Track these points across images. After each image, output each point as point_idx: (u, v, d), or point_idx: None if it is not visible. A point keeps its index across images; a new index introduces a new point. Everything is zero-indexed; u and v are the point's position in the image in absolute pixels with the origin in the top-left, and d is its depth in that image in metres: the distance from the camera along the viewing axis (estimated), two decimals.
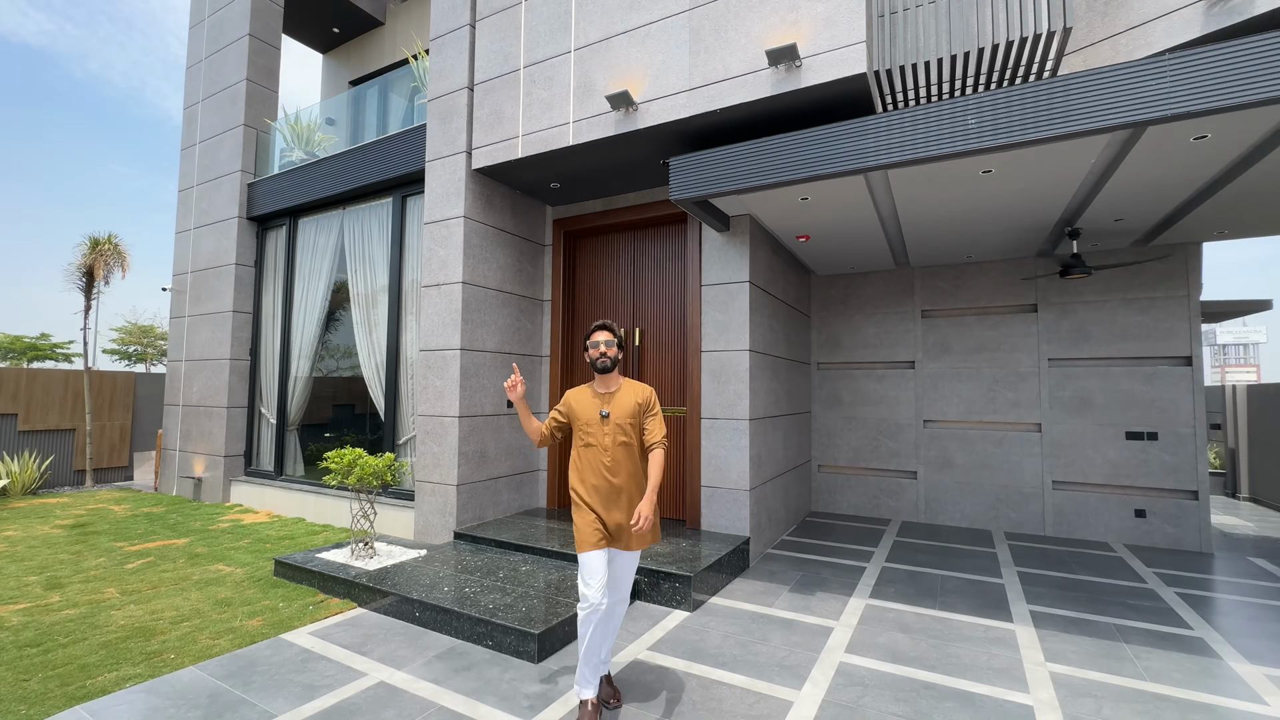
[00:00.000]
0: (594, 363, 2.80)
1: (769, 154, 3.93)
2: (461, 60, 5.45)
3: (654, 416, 2.80)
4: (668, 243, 5.80)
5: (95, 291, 8.27)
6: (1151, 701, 2.84)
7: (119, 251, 8.20)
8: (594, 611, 2.57)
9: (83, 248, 8.11)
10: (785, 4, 3.91)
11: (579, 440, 2.79)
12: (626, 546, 2.69)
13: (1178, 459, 5.67)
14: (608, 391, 2.82)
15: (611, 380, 2.85)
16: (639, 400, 2.80)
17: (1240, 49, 2.79)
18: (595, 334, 2.84)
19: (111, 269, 8.09)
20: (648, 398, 2.83)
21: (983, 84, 3.86)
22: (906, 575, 4.75)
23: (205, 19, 8.31)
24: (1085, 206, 4.60)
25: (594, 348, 2.81)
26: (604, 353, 2.79)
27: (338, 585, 4.17)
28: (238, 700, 2.80)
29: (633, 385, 2.88)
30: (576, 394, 2.89)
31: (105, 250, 8.07)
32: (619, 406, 2.77)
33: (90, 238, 8.13)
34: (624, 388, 2.85)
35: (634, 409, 2.77)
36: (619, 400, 2.78)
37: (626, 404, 2.78)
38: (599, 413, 2.76)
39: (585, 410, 2.79)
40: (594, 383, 2.88)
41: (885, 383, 7.01)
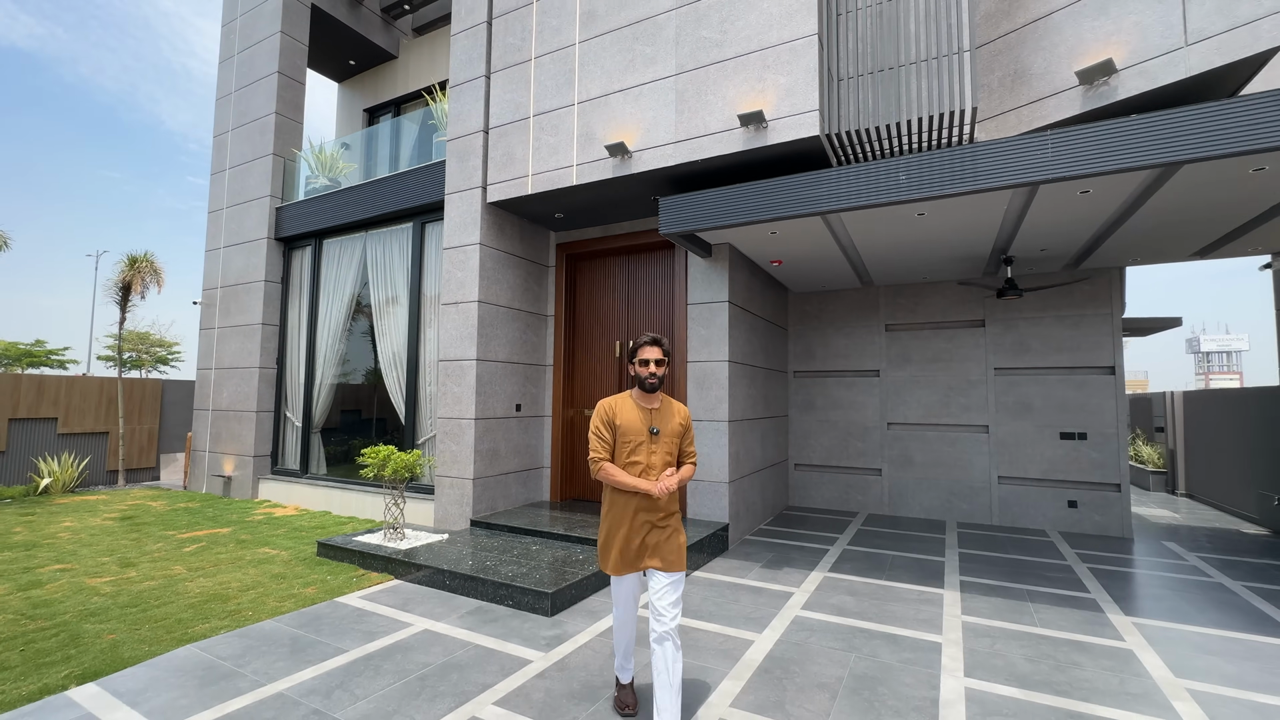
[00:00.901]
0: (642, 383, 2.66)
1: (742, 198, 4.72)
2: (478, 107, 6.23)
3: (691, 438, 2.77)
4: (658, 266, 6.58)
5: (130, 305, 8.95)
6: (1035, 640, 3.61)
7: (154, 269, 8.88)
8: (625, 625, 2.71)
9: (121, 265, 8.80)
10: (754, 75, 4.72)
11: (623, 458, 2.63)
12: (665, 566, 2.57)
13: (1103, 456, 6.48)
14: (652, 407, 2.69)
15: (655, 395, 2.71)
16: (682, 421, 2.73)
17: (1101, 129, 3.60)
18: (644, 350, 2.68)
19: (148, 285, 8.77)
20: (687, 418, 2.77)
21: (916, 145, 4.67)
22: (863, 555, 5.51)
23: (235, 55, 9.06)
24: (1012, 239, 5.43)
25: (642, 366, 2.66)
26: (653, 372, 2.65)
27: (375, 561, 4.89)
28: (313, 641, 3.52)
29: (672, 403, 2.77)
30: (619, 405, 2.70)
31: (143, 267, 8.75)
32: (667, 424, 2.67)
33: (129, 256, 8.82)
34: (665, 405, 2.73)
35: (678, 430, 2.70)
36: (665, 418, 2.68)
37: (673, 422, 2.69)
38: (649, 429, 2.64)
39: (634, 425, 2.64)
40: (633, 394, 2.74)
41: (854, 389, 7.81)
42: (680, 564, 2.59)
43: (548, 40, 5.83)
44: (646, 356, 2.65)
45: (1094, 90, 4.00)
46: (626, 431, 2.63)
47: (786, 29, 4.60)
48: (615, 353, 6.72)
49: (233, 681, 3.02)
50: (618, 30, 5.41)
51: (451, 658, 3.32)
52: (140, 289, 8.70)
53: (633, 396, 2.73)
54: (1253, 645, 3.55)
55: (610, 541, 2.65)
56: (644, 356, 2.65)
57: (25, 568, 4.92)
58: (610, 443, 2.65)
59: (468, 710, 2.77)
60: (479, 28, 6.31)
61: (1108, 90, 3.96)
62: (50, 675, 3.08)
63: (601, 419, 2.66)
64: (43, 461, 8.45)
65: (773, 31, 4.65)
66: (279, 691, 2.93)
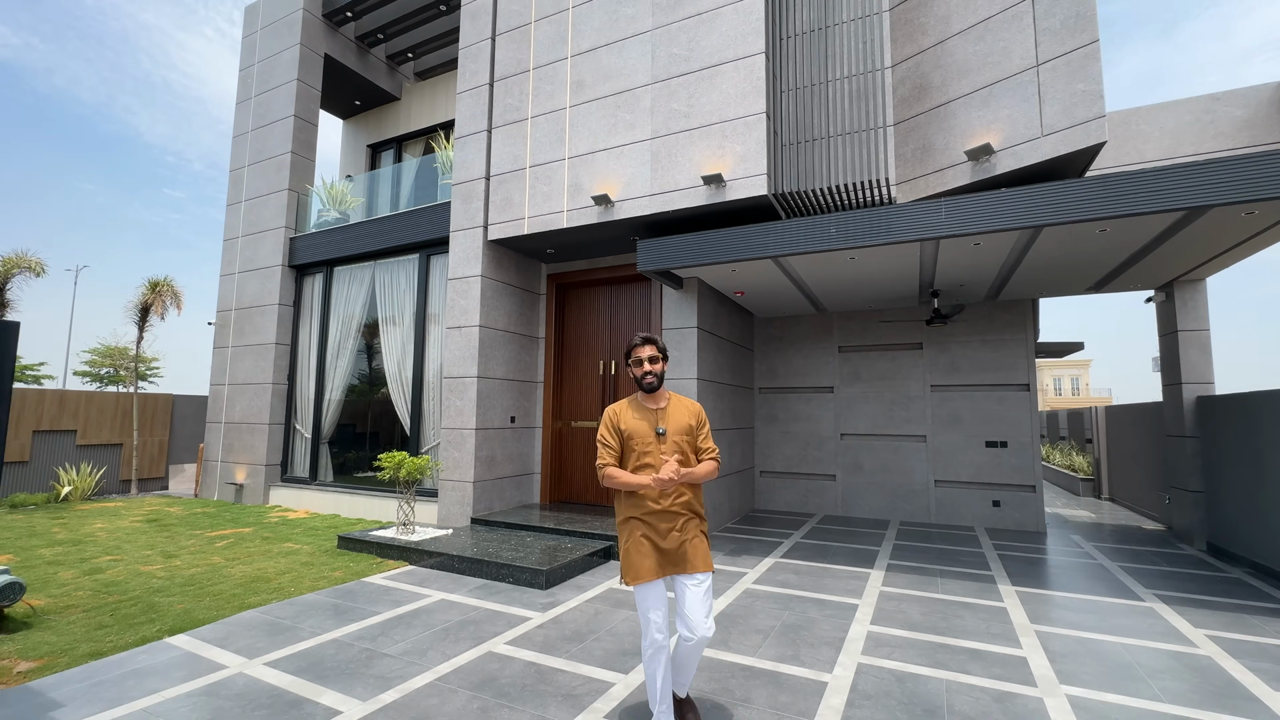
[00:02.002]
0: (639, 381, 2.60)
1: (706, 243, 5.69)
2: (480, 157, 7.16)
3: (707, 433, 2.66)
4: (636, 295, 7.52)
5: (148, 325, 9.63)
6: (933, 601, 4.52)
7: (174, 292, 9.58)
8: (659, 650, 2.46)
9: (143, 289, 9.48)
10: (715, 142, 5.71)
11: (634, 462, 2.55)
12: (690, 569, 2.49)
13: (1021, 462, 7.50)
14: (657, 407, 2.62)
15: (659, 395, 2.64)
16: (692, 420, 2.63)
17: (981, 199, 4.63)
18: (637, 349, 2.61)
19: (168, 307, 9.46)
20: (700, 414, 2.67)
21: (848, 203, 5.69)
22: (812, 546, 6.42)
23: (251, 98, 9.91)
24: (934, 277, 6.46)
25: (637, 365, 2.60)
26: (649, 371, 2.58)
27: (391, 551, 5.68)
28: (351, 607, 4.31)
29: (682, 401, 2.68)
30: (623, 412, 2.63)
31: (163, 291, 9.45)
32: (673, 423, 2.58)
33: (149, 280, 9.52)
34: (674, 403, 2.65)
35: (689, 427, 2.61)
36: (672, 417, 2.60)
37: (681, 421, 2.60)
38: (655, 429, 2.56)
39: (640, 427, 2.57)
40: (638, 397, 2.67)
41: (812, 404, 8.78)
42: (707, 565, 2.49)
43: (542, 103, 6.80)
44: (640, 355, 2.59)
45: (979, 165, 5.04)
46: (633, 436, 2.55)
47: (741, 106, 5.61)
48: (600, 371, 7.62)
49: (293, 633, 3.81)
50: (602, 99, 6.40)
51: (466, 616, 4.14)
52: (160, 310, 9.39)
53: (638, 399, 2.66)
54: (1099, 603, 4.51)
55: (628, 549, 2.52)
56: (638, 355, 2.59)
57: (81, 558, 5.61)
58: (617, 449, 2.58)
59: (485, 647, 3.60)
60: (482, 89, 7.27)
61: (989, 166, 5.01)
62: (144, 630, 3.84)
63: (607, 426, 2.60)
64: (63, 471, 9.04)
65: (730, 108, 5.66)
66: (334, 638, 3.72)
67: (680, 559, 2.49)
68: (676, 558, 2.50)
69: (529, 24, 7.04)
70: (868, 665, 3.37)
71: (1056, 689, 3.09)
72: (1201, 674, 3.30)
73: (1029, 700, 2.97)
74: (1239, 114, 5.44)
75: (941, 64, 5.36)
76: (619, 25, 6.39)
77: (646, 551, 2.48)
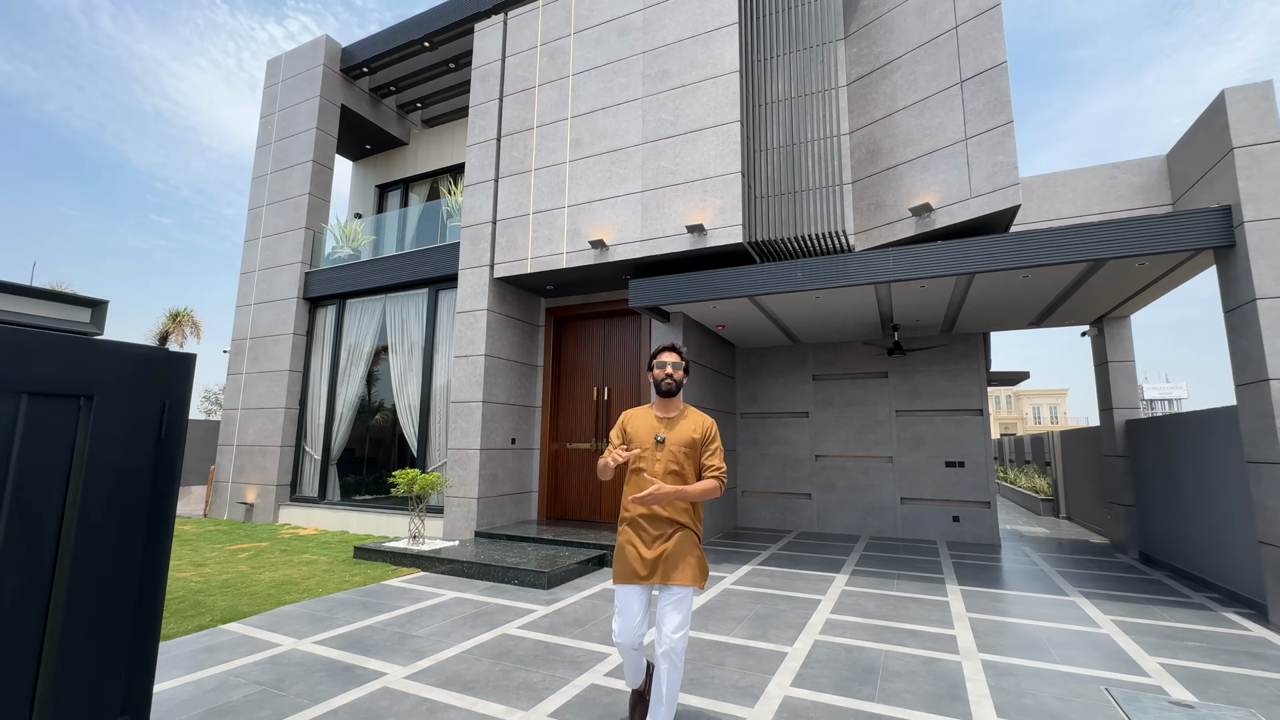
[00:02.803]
0: (658, 384, 2.69)
1: (689, 283, 6.47)
2: (487, 203, 7.96)
3: (714, 451, 2.66)
4: (627, 327, 8.27)
5: None
6: (887, 597, 5.19)
7: (194, 322, 10.18)
8: (624, 649, 2.60)
9: (163, 319, 10.09)
10: (698, 196, 6.55)
11: (632, 464, 2.64)
12: (665, 579, 2.52)
13: (977, 480, 8.25)
14: (667, 416, 2.70)
15: (673, 405, 2.72)
16: (697, 434, 2.65)
17: (922, 250, 5.46)
18: (662, 354, 2.72)
19: (186, 335, 10.05)
20: (708, 430, 2.68)
21: (814, 250, 6.52)
22: (787, 556, 7.06)
23: (271, 143, 10.71)
24: (891, 314, 7.29)
25: (659, 368, 2.70)
26: (669, 374, 2.68)
27: (405, 559, 6.24)
28: (377, 603, 4.88)
29: (695, 415, 2.72)
30: (637, 414, 2.76)
31: (183, 320, 10.06)
32: (676, 434, 2.64)
33: (170, 311, 10.13)
34: (686, 416, 2.71)
35: (691, 440, 2.63)
36: (678, 428, 2.66)
37: (684, 433, 2.64)
38: (655, 437, 2.63)
39: (642, 432, 2.67)
40: (654, 404, 2.76)
41: (789, 428, 9.50)
42: (683, 579, 2.50)
43: (545, 158, 7.64)
44: (664, 359, 2.70)
45: (922, 220, 5.90)
46: (634, 438, 2.67)
47: (720, 166, 6.47)
48: (593, 396, 8.31)
49: (331, 621, 4.39)
50: (599, 155, 7.25)
51: (480, 609, 4.74)
52: (180, 340, 9.98)
53: (652, 406, 2.77)
54: (1029, 598, 5.21)
55: (617, 550, 2.64)
56: (661, 360, 2.71)
57: None
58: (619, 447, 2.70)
59: (499, 630, 4.20)
60: (490, 143, 8.11)
61: (930, 221, 5.87)
62: (198, 620, 4.39)
63: (619, 427, 2.77)
64: None
65: (710, 167, 6.52)
66: (367, 624, 4.31)
67: (662, 568, 2.52)
68: (658, 566, 2.53)
69: (533, 88, 7.93)
70: (823, 641, 4.03)
71: (975, 656, 3.76)
72: (1096, 646, 3.99)
73: (950, 663, 3.64)
74: (1135, 180, 6.40)
75: (890, 133, 6.27)
76: (614, 92, 7.29)
77: (629, 557, 2.57)
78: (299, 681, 3.30)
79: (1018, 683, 3.37)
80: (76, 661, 1.98)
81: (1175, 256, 5.10)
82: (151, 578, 2.15)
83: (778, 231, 6.47)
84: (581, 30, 7.67)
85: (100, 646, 2.15)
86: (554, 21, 7.95)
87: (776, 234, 6.46)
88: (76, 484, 2.02)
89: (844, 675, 3.45)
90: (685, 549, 2.56)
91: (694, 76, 6.78)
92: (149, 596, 2.15)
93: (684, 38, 6.92)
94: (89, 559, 2.05)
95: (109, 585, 2.08)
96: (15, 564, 1.88)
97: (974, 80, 5.63)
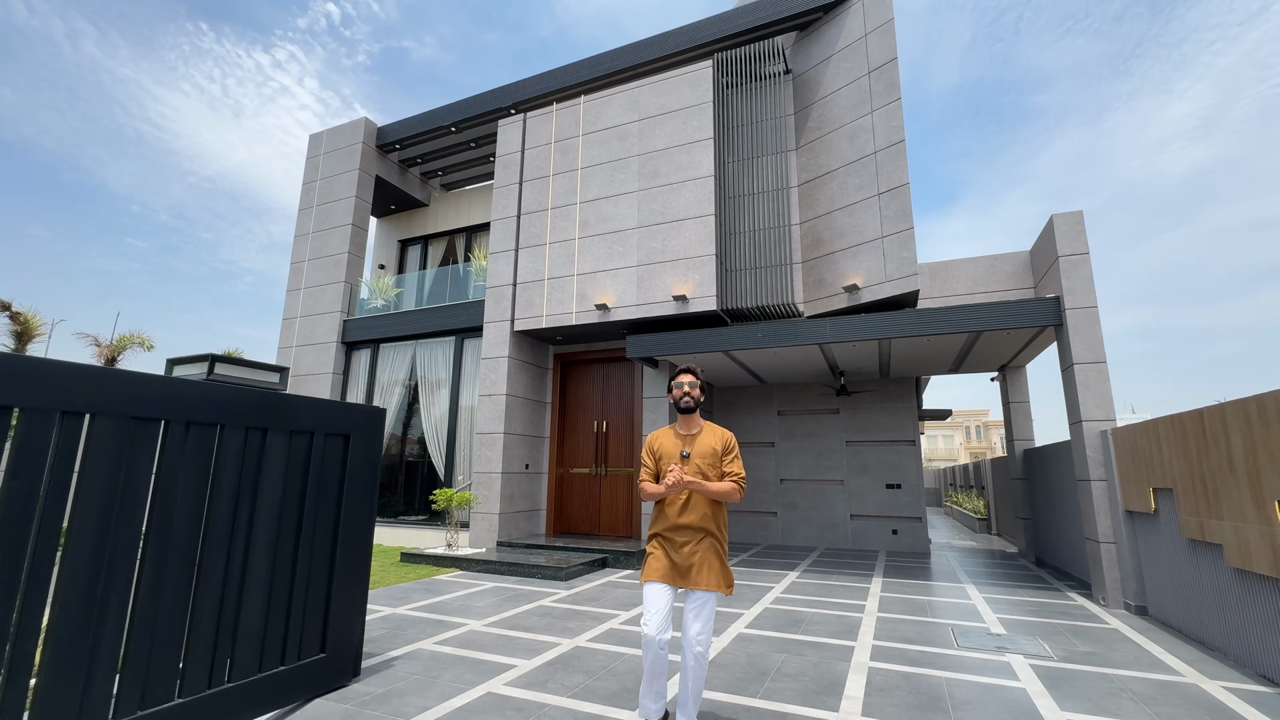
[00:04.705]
0: (677, 402, 2.93)
1: (674, 340, 8.19)
2: (509, 269, 9.67)
3: (734, 459, 2.89)
4: (622, 372, 9.95)
5: None
6: (824, 586, 6.81)
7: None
8: (647, 641, 2.71)
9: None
10: (681, 271, 8.33)
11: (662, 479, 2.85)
12: (693, 585, 2.73)
13: (911, 499, 9.97)
14: (689, 434, 2.93)
15: (693, 423, 2.95)
16: (717, 446, 2.88)
17: (851, 320, 7.25)
18: (680, 376, 2.96)
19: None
20: (727, 442, 2.92)
21: (773, 315, 8.31)
22: (753, 560, 8.66)
23: (313, 207, 12.36)
24: (836, 363, 9.08)
25: (678, 388, 2.93)
26: (687, 393, 2.92)
27: (446, 561, 7.72)
28: (436, 588, 6.38)
29: (714, 429, 2.95)
30: (661, 435, 3.00)
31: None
32: (699, 447, 2.87)
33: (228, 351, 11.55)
34: (705, 431, 2.94)
35: (713, 451, 2.86)
36: (700, 442, 2.89)
37: (706, 446, 2.87)
38: (680, 453, 2.86)
39: (669, 450, 2.91)
40: (676, 424, 3.01)
41: (759, 456, 11.17)
42: (708, 584, 2.71)
43: (557, 234, 9.41)
44: (682, 380, 2.96)
45: (852, 295, 7.73)
46: (663, 457, 2.92)
47: (699, 249, 8.28)
48: (594, 429, 9.92)
49: (409, 599, 5.88)
50: (602, 234, 9.03)
51: (517, 592, 6.27)
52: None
53: (675, 426, 3.03)
54: (930, 585, 6.88)
55: (647, 556, 2.91)
56: (679, 380, 2.97)
57: None
58: (654, 468, 2.97)
59: (537, 604, 5.74)
60: (511, 219, 9.87)
61: (858, 296, 7.70)
62: None
63: (647, 450, 3.01)
64: None
65: (692, 249, 8.32)
66: (436, 601, 5.81)
67: (688, 573, 2.74)
68: (686, 572, 2.75)
69: (548, 176, 9.75)
70: (770, 607, 5.64)
71: (874, 614, 5.41)
72: (961, 609, 5.67)
73: (854, 617, 5.28)
74: (1008, 269, 8.36)
75: (829, 227, 8.16)
76: (615, 185, 9.12)
77: (658, 559, 2.82)
78: (411, 627, 4.82)
79: (895, 626, 5.02)
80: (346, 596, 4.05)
81: (1029, 330, 6.97)
82: (368, 544, 3.88)
83: (744, 301, 8.26)
84: (589, 133, 9.54)
85: (359, 589, 4.29)
86: (565, 123, 9.82)
87: (743, 303, 8.25)
88: (345, 483, 3.75)
89: (781, 622, 5.07)
90: (710, 556, 2.78)
91: (679, 177, 8.64)
92: (368, 555, 3.89)
93: (670, 146, 8.81)
94: (350, 526, 3.75)
95: (359, 541, 3.83)
96: (317, 533, 3.65)
97: (888, 194, 7.55)
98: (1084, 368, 6.23)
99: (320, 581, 3.40)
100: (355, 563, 3.61)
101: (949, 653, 4.30)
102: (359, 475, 3.67)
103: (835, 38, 8.61)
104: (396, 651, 4.16)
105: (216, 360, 3.91)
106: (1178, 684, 3.71)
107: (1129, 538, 5.67)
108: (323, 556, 3.42)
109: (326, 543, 3.45)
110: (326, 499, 3.47)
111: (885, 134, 7.70)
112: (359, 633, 3.60)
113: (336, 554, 3.48)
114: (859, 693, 3.50)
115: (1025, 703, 3.38)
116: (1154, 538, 5.26)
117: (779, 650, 4.33)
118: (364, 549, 3.68)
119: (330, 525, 3.48)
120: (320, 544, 3.41)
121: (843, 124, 8.25)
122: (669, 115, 8.93)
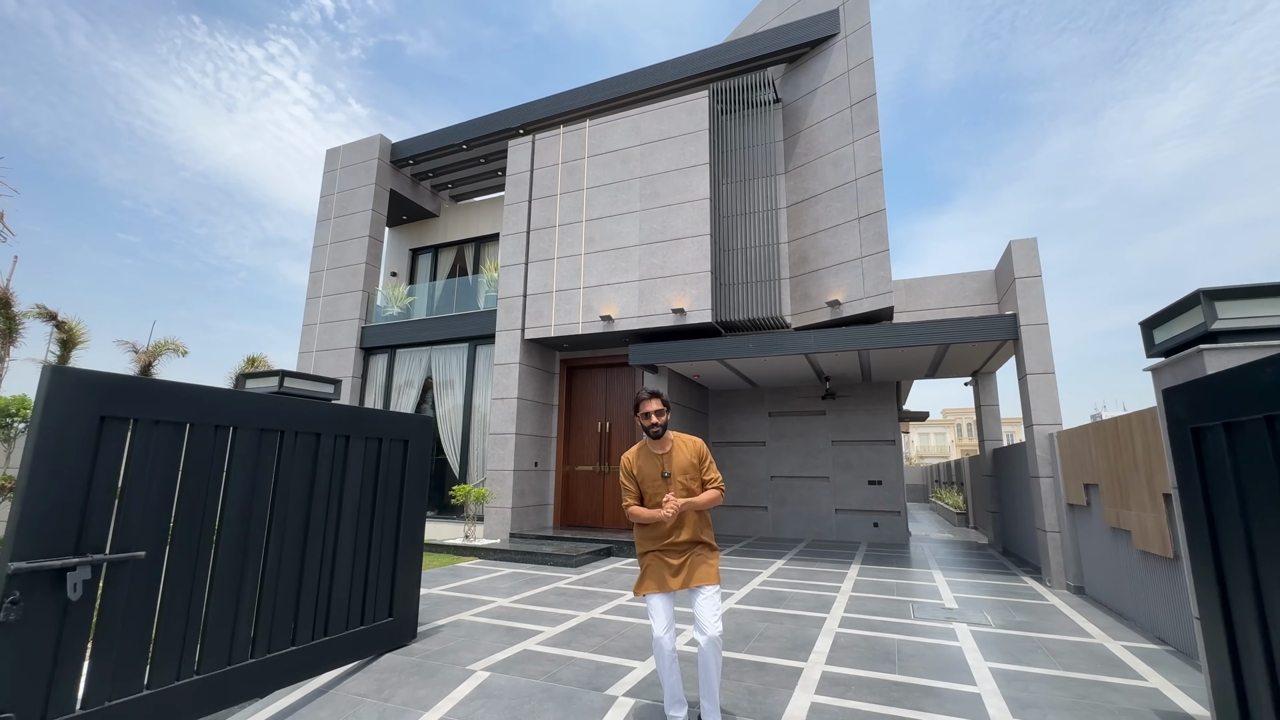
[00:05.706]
0: (647, 430, 2.98)
1: (674, 349, 8.97)
2: (519, 281, 10.42)
3: (710, 466, 2.99)
4: (624, 376, 10.72)
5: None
6: (807, 571, 7.61)
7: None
8: (660, 648, 2.84)
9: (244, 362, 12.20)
10: (679, 286, 9.10)
11: (649, 501, 2.96)
12: (697, 583, 2.86)
13: (891, 494, 10.80)
14: (663, 452, 2.97)
15: (664, 441, 2.99)
16: (693, 458, 2.97)
17: (833, 333, 8.04)
18: (645, 403, 2.97)
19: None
20: (700, 451, 3.00)
21: (763, 327, 9.09)
22: (745, 550, 9.46)
23: (331, 219, 13.07)
24: (822, 370, 9.88)
25: (645, 419, 2.96)
26: (654, 422, 2.95)
27: (466, 550, 8.50)
28: (460, 574, 7.14)
29: (682, 440, 3.00)
30: (636, 458, 3.05)
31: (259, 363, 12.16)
32: (677, 464, 2.94)
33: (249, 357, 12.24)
34: (677, 445, 2.99)
35: (691, 465, 2.93)
36: (675, 459, 2.96)
37: (683, 461, 2.95)
38: (661, 473, 2.92)
39: (648, 471, 2.98)
40: (646, 444, 3.04)
41: (751, 454, 11.98)
42: (709, 579, 2.88)
43: (564, 249, 10.17)
44: (647, 409, 2.97)
45: (834, 310, 8.52)
46: (644, 480, 3.00)
47: (696, 265, 9.05)
48: (597, 429, 10.70)
49: (438, 583, 6.65)
50: (606, 250, 9.79)
51: (534, 577, 7.05)
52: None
53: (646, 445, 3.06)
54: (901, 570, 7.70)
55: (643, 570, 2.99)
56: (645, 409, 2.98)
57: None
58: (636, 490, 3.03)
59: (552, 586, 6.52)
60: (521, 234, 10.62)
61: (840, 311, 8.49)
62: None
63: (625, 472, 3.06)
64: None
65: (689, 265, 9.09)
66: (463, 584, 6.59)
67: (689, 576, 2.89)
68: (686, 576, 2.89)
69: (555, 195, 10.50)
70: (757, 588, 6.44)
71: (847, 594, 6.22)
72: (924, 590, 6.48)
73: (830, 596, 6.08)
74: (975, 286, 9.17)
75: (814, 246, 8.94)
76: (618, 204, 9.88)
77: (657, 572, 2.93)
78: (447, 604, 5.61)
79: (863, 603, 5.84)
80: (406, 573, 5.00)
81: (992, 343, 7.78)
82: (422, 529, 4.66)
83: (737, 313, 9.05)
84: (594, 155, 10.29)
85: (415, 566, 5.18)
86: (572, 146, 10.57)
87: (736, 315, 9.04)
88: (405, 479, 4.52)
89: (766, 599, 5.88)
90: (705, 557, 2.96)
91: (677, 199, 9.41)
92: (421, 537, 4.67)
93: (669, 170, 9.57)
94: (409, 519, 4.53)
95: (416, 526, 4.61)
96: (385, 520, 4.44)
97: (867, 218, 8.34)
98: (1035, 377, 7.04)
99: (388, 559, 4.18)
100: (413, 543, 4.39)
101: (905, 621, 5.11)
102: (415, 472, 4.45)
103: (821, 71, 9.39)
104: (441, 621, 4.95)
105: (286, 375, 4.68)
106: (1086, 644, 4.53)
107: (1070, 527, 6.50)
108: (389, 538, 4.20)
109: (392, 527, 4.22)
110: (392, 492, 4.25)
111: (865, 163, 8.49)
112: (416, 602, 4.38)
113: (400, 536, 4.26)
114: (825, 649, 4.31)
115: (958, 656, 4.19)
116: (1087, 527, 6.09)
117: (763, 620, 5.13)
118: (419, 533, 4.46)
119: (394, 513, 4.25)
120: (388, 528, 4.19)
121: (827, 151, 9.04)
122: (668, 141, 9.68)
